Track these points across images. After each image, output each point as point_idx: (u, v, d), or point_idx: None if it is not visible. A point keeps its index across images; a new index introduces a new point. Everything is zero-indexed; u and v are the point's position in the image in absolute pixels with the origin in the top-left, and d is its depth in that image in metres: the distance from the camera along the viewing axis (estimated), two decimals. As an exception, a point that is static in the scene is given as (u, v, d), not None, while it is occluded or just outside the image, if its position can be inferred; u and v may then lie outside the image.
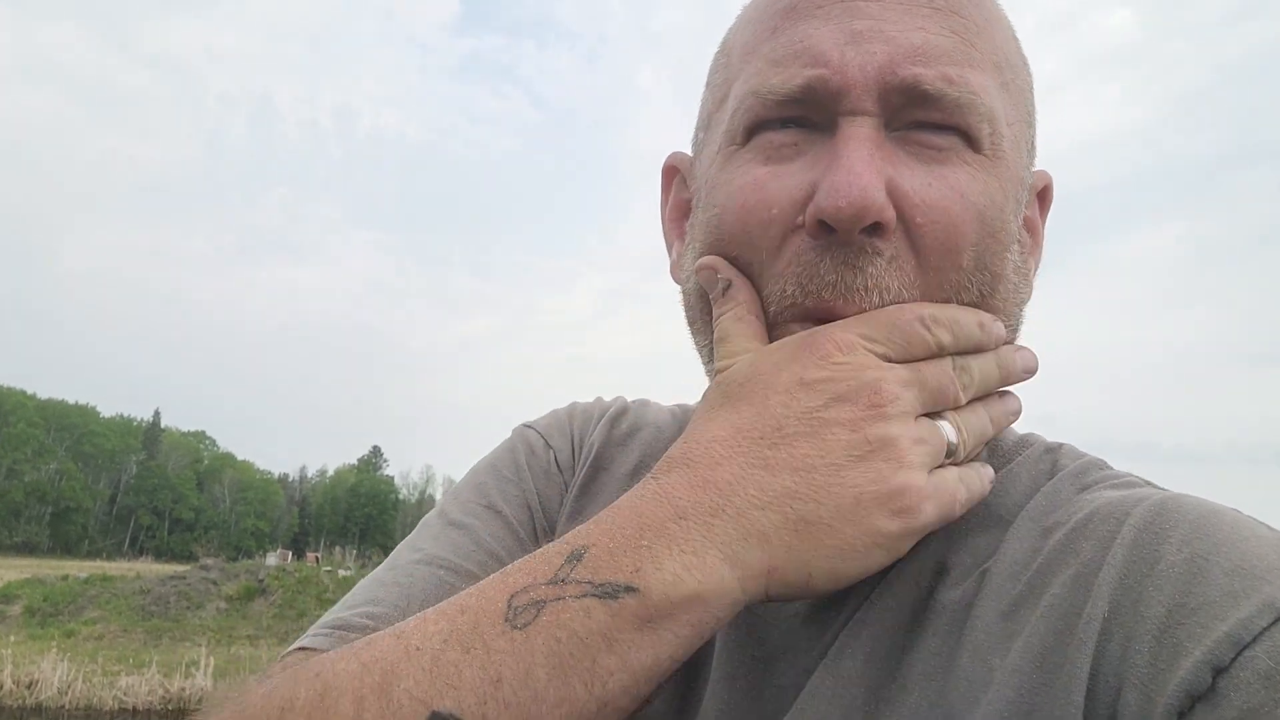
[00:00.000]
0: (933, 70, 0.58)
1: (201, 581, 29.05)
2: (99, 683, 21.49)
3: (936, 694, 0.55)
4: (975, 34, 0.60)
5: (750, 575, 0.52)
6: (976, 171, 0.59)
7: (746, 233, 0.61)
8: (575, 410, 0.88)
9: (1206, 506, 0.54)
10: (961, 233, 0.58)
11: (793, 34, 0.61)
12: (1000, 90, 0.61)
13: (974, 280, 0.60)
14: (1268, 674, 0.44)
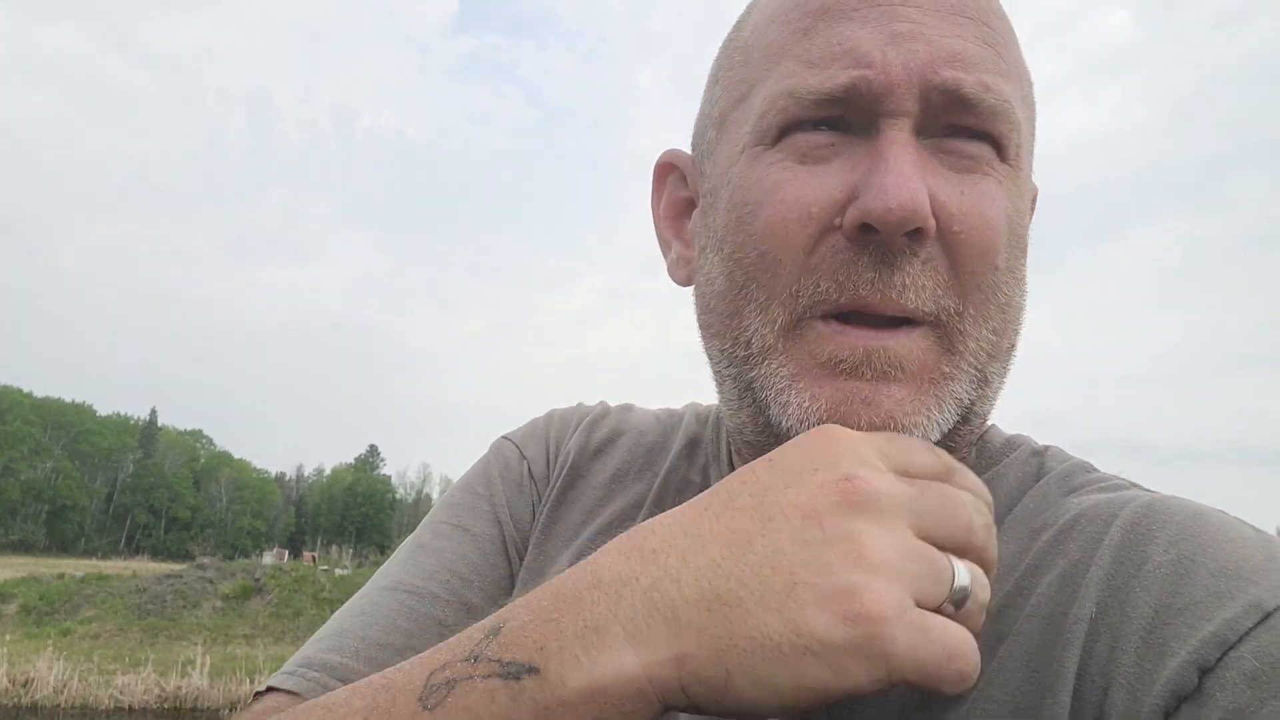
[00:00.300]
0: (972, 76, 0.58)
1: (198, 580, 29.02)
2: (95, 682, 21.45)
3: (922, 695, 0.54)
4: (1002, 45, 0.61)
5: (655, 661, 0.45)
6: (1003, 181, 0.60)
7: (784, 228, 0.59)
8: (553, 417, 0.88)
9: (1193, 508, 0.54)
10: (995, 238, 0.59)
11: (830, 35, 0.60)
12: (1021, 102, 0.62)
13: (1005, 281, 0.60)
14: (1253, 674, 0.44)
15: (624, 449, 0.82)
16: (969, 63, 0.58)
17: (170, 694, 21.67)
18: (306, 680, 0.66)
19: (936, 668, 0.45)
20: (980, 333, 0.59)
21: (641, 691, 0.45)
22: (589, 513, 0.78)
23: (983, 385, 0.61)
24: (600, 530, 0.76)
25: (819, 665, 0.44)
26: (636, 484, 0.80)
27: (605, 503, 0.79)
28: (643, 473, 0.81)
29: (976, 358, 0.60)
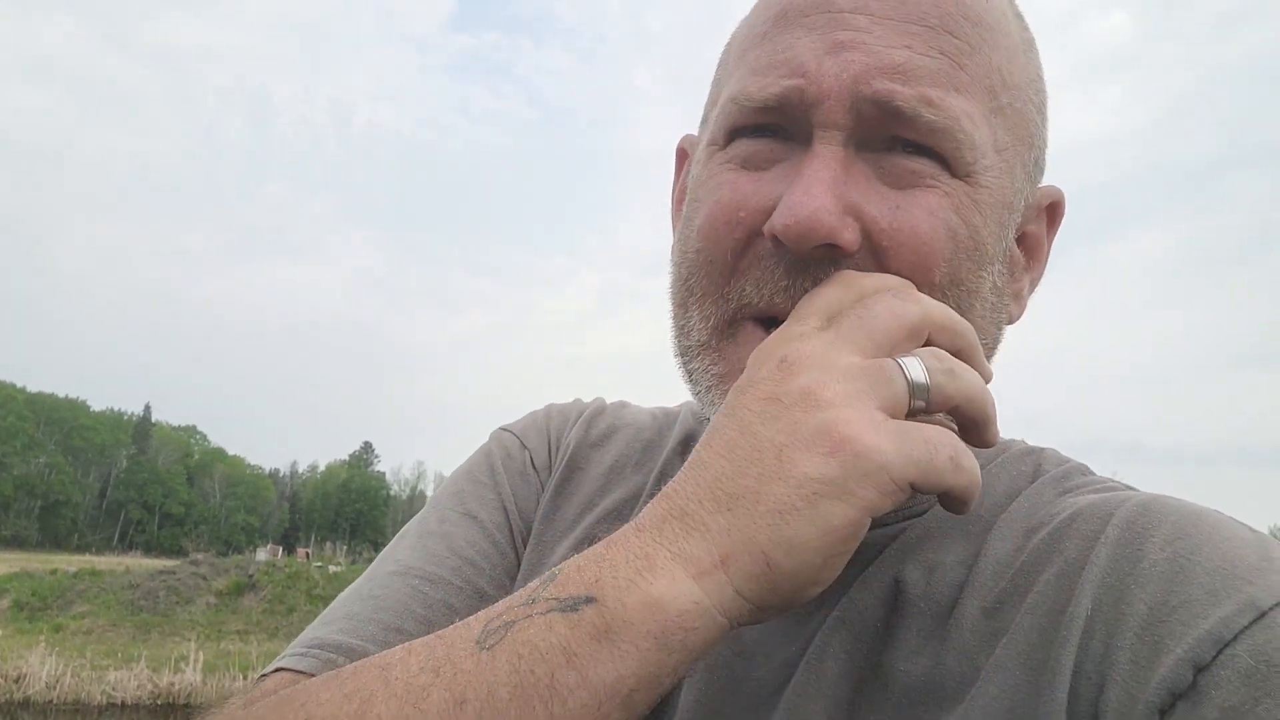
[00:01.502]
0: (911, 89, 0.57)
1: (191, 576, 28.99)
2: (87, 677, 21.43)
3: (920, 692, 0.55)
4: (967, 55, 0.59)
5: (703, 571, 0.48)
6: (952, 196, 0.59)
7: (715, 230, 0.62)
8: (552, 411, 0.88)
9: (1189, 508, 0.54)
10: (929, 253, 0.58)
11: (777, 42, 0.61)
12: (990, 115, 0.60)
13: (948, 296, 0.59)
14: (1249, 672, 0.45)
15: (621, 442, 0.83)
16: (910, 75, 0.57)
17: (163, 690, 21.65)
18: (321, 661, 0.64)
19: (931, 463, 0.48)
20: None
21: (699, 605, 0.47)
22: (587, 503, 0.78)
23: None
24: (599, 519, 0.76)
25: (833, 503, 0.47)
26: (634, 476, 0.80)
27: (603, 494, 0.79)
28: (640, 466, 0.81)
29: None
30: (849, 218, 0.57)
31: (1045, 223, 0.69)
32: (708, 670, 0.63)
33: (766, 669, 0.61)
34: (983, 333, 0.62)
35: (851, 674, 0.57)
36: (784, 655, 0.61)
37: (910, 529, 0.63)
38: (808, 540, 0.47)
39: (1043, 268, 0.70)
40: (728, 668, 0.63)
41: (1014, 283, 0.67)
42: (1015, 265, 0.67)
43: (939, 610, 0.58)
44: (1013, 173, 0.63)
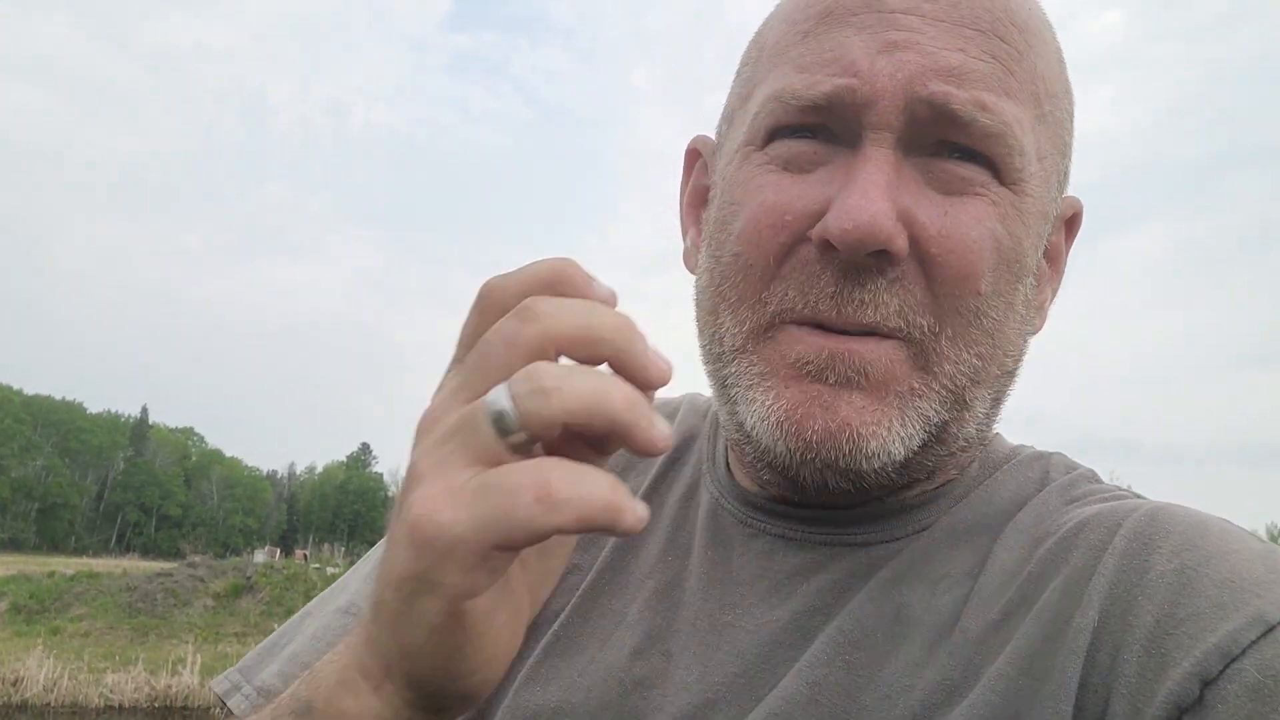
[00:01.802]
0: (966, 93, 0.56)
1: (189, 579, 28.93)
2: (85, 680, 21.38)
3: (923, 704, 0.54)
4: (1016, 61, 0.58)
5: (377, 684, 0.46)
6: (999, 204, 0.58)
7: (757, 233, 0.59)
8: None
9: (1197, 518, 0.54)
10: (977, 262, 0.57)
11: (825, 40, 0.59)
12: (1036, 122, 0.59)
13: (992, 306, 0.58)
14: (1255, 687, 0.44)
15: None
16: (964, 78, 0.56)
17: (161, 692, 21.60)
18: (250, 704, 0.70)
19: (511, 517, 0.38)
20: (960, 355, 0.58)
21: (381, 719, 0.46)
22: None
23: (959, 408, 0.60)
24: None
25: (425, 599, 0.41)
26: (628, 482, 0.77)
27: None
28: (625, 472, 0.78)
29: (953, 380, 0.58)
30: (900, 224, 0.56)
31: (1064, 233, 0.69)
32: (700, 675, 0.62)
33: (765, 683, 0.60)
34: (1011, 345, 0.62)
35: (849, 684, 0.56)
36: (782, 669, 0.60)
37: (915, 541, 0.62)
38: (421, 645, 0.43)
39: (1061, 279, 0.69)
40: (724, 678, 0.61)
41: (1038, 294, 0.66)
42: (1040, 276, 0.66)
43: (943, 622, 0.57)
44: (1049, 182, 0.62)
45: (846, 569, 0.62)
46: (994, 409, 0.64)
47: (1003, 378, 0.63)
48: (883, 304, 0.56)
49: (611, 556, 0.71)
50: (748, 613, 0.63)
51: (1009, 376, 0.64)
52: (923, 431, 0.58)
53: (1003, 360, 0.61)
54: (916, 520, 0.63)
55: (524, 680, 0.65)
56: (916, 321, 0.57)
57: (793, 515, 0.65)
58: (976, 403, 0.61)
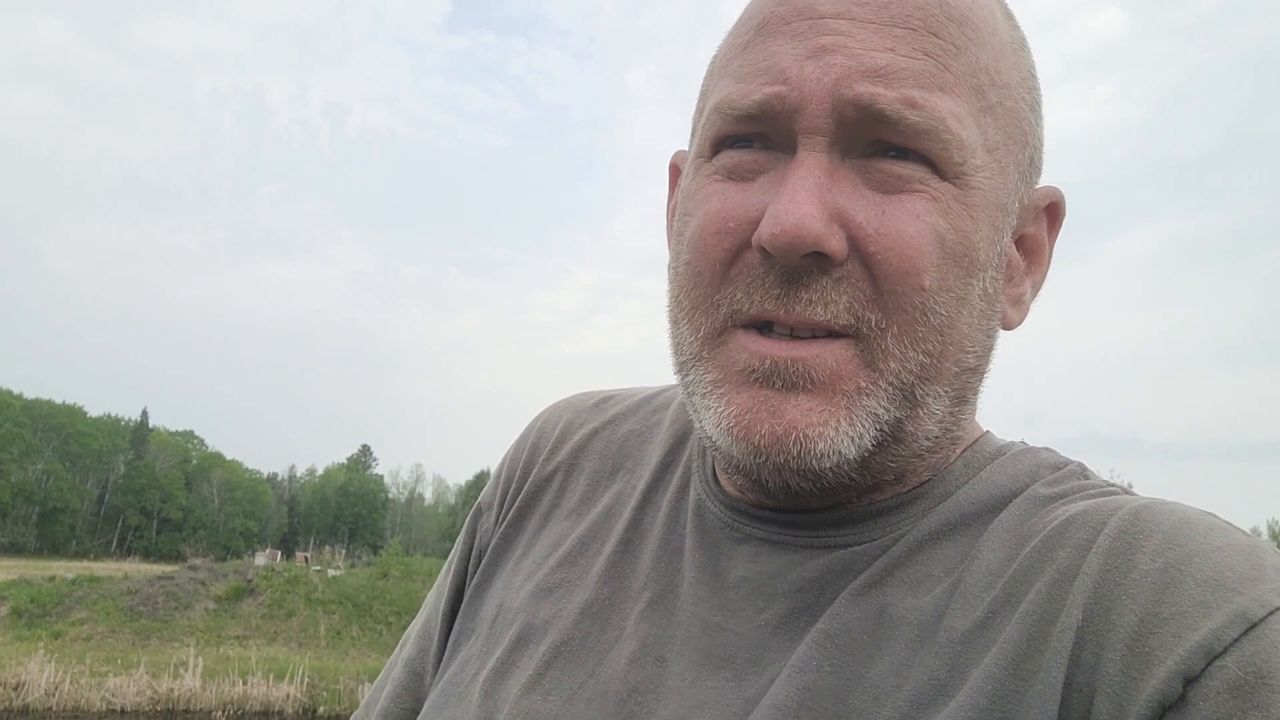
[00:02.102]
0: (894, 92, 0.56)
1: (190, 582, 28.94)
2: (87, 684, 21.39)
3: (909, 704, 0.54)
4: (952, 56, 0.58)
5: None
6: (940, 200, 0.58)
7: (704, 242, 0.61)
8: (522, 445, 0.88)
9: (1181, 515, 0.54)
10: (917, 258, 0.57)
11: (760, 50, 0.60)
12: (979, 114, 0.59)
13: (939, 301, 0.58)
14: (1238, 684, 0.45)
15: (595, 456, 0.82)
16: (892, 77, 0.56)
17: (162, 696, 21.62)
18: None
19: None
20: (905, 352, 0.58)
21: None
22: (555, 542, 0.78)
23: (911, 405, 0.60)
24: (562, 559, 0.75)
25: None
26: (613, 485, 0.79)
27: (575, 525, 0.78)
28: (616, 472, 0.80)
29: (900, 377, 0.58)
30: (835, 225, 0.56)
31: (1046, 224, 0.68)
32: (693, 680, 0.62)
33: (757, 685, 0.60)
34: (969, 341, 0.61)
35: (837, 688, 0.57)
36: (772, 671, 0.60)
37: (900, 541, 0.62)
38: None
39: (1045, 271, 0.68)
40: (719, 686, 0.62)
41: (1013, 287, 0.66)
42: (1014, 269, 0.66)
43: (928, 621, 0.57)
44: (1006, 173, 0.61)
45: (825, 568, 0.63)
46: (960, 407, 0.64)
47: (964, 375, 0.62)
48: (831, 301, 0.57)
49: (610, 565, 0.72)
50: (736, 615, 0.64)
51: (971, 374, 0.63)
52: (874, 429, 0.58)
53: (959, 357, 0.61)
54: (895, 522, 0.63)
55: (525, 688, 0.66)
56: (865, 317, 0.57)
57: (774, 519, 0.66)
58: (931, 400, 0.60)
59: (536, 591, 0.73)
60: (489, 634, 0.74)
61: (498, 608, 0.75)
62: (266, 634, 26.75)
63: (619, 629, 0.68)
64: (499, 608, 0.75)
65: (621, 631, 0.67)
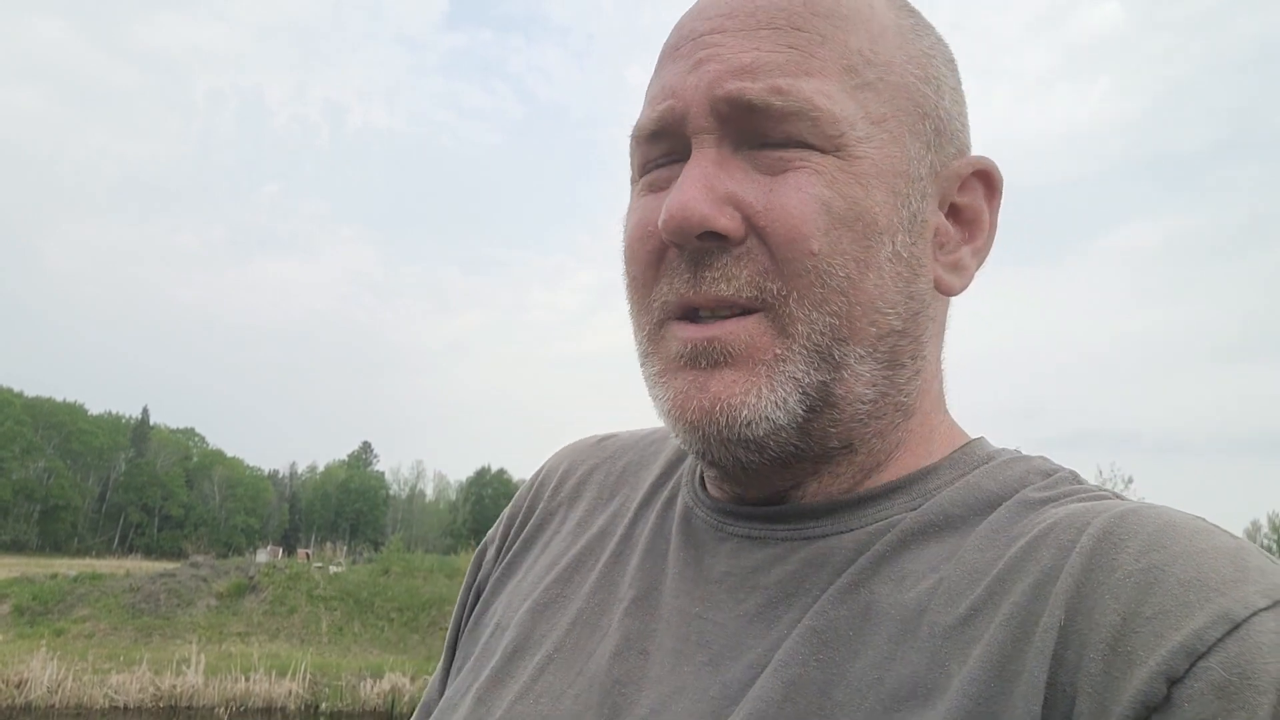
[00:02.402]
0: (760, 83, 0.61)
1: (192, 579, 28.98)
2: (89, 681, 21.41)
3: (892, 699, 0.55)
4: (819, 45, 0.63)
5: None
6: (823, 171, 0.61)
7: (632, 250, 0.68)
8: (535, 481, 0.91)
9: (1166, 517, 0.54)
10: (801, 225, 0.61)
11: (660, 76, 0.68)
12: (855, 91, 0.63)
13: (833, 264, 0.61)
14: (1222, 685, 0.45)
15: (595, 486, 0.85)
16: (758, 71, 0.61)
17: (165, 692, 21.64)
18: None
19: None
20: (810, 315, 0.61)
21: None
22: (553, 560, 0.80)
23: (832, 367, 0.62)
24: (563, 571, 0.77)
25: None
26: (608, 507, 0.82)
27: (572, 543, 0.81)
28: (618, 488, 0.83)
29: (810, 339, 0.61)
30: (728, 207, 0.61)
31: (983, 194, 0.71)
32: (673, 667, 0.64)
33: (733, 670, 0.61)
34: (882, 301, 0.63)
35: (822, 681, 0.57)
36: (751, 657, 0.61)
37: (885, 537, 0.63)
38: None
39: (986, 238, 0.71)
40: (695, 672, 0.63)
41: (947, 254, 0.69)
42: (944, 236, 0.69)
43: (912, 617, 0.58)
44: (901, 142, 0.64)
45: (804, 559, 0.64)
46: (894, 371, 0.65)
47: (889, 337, 0.64)
48: (734, 277, 0.62)
49: (601, 576, 0.74)
50: (716, 607, 0.66)
51: (899, 336, 0.65)
52: (796, 392, 0.61)
53: (874, 318, 0.63)
54: (874, 514, 0.65)
55: (518, 695, 0.69)
56: (768, 287, 0.61)
57: (757, 516, 0.68)
58: (852, 361, 0.63)
59: (533, 608, 0.75)
60: (484, 649, 0.76)
61: (495, 626, 0.78)
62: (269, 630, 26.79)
63: (605, 629, 0.70)
64: (496, 625, 0.78)
65: (607, 630, 0.69)
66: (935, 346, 0.70)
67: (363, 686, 22.82)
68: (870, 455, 0.67)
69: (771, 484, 0.67)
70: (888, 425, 0.67)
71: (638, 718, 0.63)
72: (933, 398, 0.70)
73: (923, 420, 0.69)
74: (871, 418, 0.66)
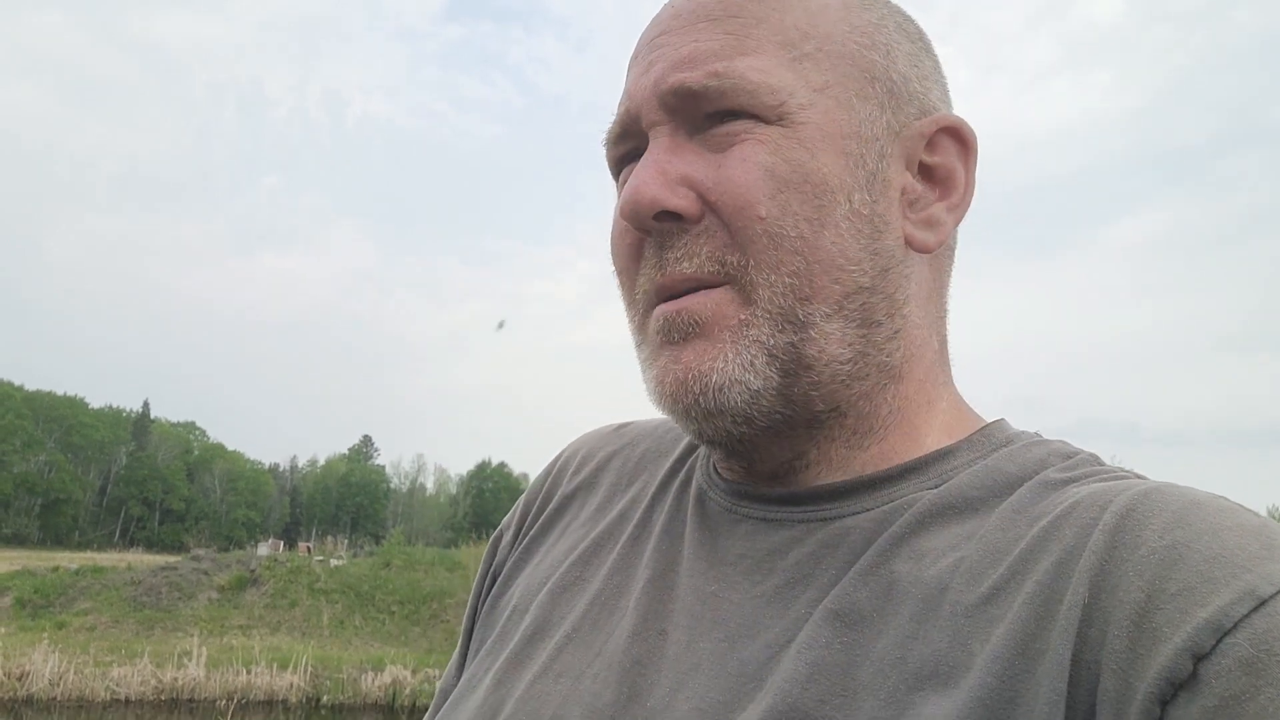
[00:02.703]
0: (699, 71, 0.65)
1: (193, 572, 29.02)
2: (91, 674, 21.46)
3: (916, 678, 0.55)
4: (754, 25, 0.65)
5: None
6: (767, 140, 0.64)
7: (615, 245, 0.71)
8: (552, 467, 0.92)
9: (1191, 495, 0.54)
10: (747, 192, 0.63)
11: (625, 85, 0.72)
12: (794, 63, 0.65)
13: (784, 225, 0.63)
14: (1249, 661, 0.44)
15: (613, 472, 0.86)
16: (697, 60, 0.65)
17: (167, 685, 21.70)
18: None
19: None
20: (770, 278, 0.63)
21: None
22: (572, 546, 0.81)
23: (798, 328, 0.63)
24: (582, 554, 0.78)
25: None
26: (628, 492, 0.82)
27: (590, 528, 0.81)
28: (637, 473, 0.83)
29: (773, 302, 0.63)
30: (682, 188, 0.64)
31: (957, 152, 0.71)
32: (688, 644, 0.64)
33: (750, 649, 0.62)
34: (843, 258, 0.64)
35: (845, 662, 0.58)
36: (768, 636, 0.62)
37: (903, 516, 0.63)
38: None
39: (961, 195, 0.71)
40: (709, 643, 0.64)
41: (917, 211, 0.69)
42: (913, 194, 0.69)
43: (934, 595, 0.58)
44: (849, 106, 0.66)
45: (820, 541, 0.65)
46: (870, 330, 0.66)
47: (857, 294, 0.65)
48: (694, 254, 0.64)
49: (620, 559, 0.75)
50: (732, 587, 0.66)
51: (869, 293, 0.65)
52: (764, 355, 0.63)
53: (836, 275, 0.64)
54: (889, 493, 0.65)
55: (536, 675, 0.69)
56: (728, 260, 0.64)
57: (772, 498, 0.69)
58: (818, 319, 0.64)
59: (552, 590, 0.75)
60: (502, 632, 0.77)
61: (512, 609, 0.78)
62: (270, 624, 26.84)
63: (623, 610, 0.70)
64: (513, 609, 0.78)
65: (625, 611, 0.70)
66: (921, 309, 0.70)
67: (364, 679, 22.87)
68: (862, 419, 0.67)
69: (773, 455, 0.68)
70: (874, 387, 0.67)
71: (658, 698, 0.63)
72: (927, 365, 0.70)
73: (918, 388, 0.69)
74: (854, 379, 0.66)
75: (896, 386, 0.68)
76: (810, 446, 0.68)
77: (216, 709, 20.94)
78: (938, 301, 0.72)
